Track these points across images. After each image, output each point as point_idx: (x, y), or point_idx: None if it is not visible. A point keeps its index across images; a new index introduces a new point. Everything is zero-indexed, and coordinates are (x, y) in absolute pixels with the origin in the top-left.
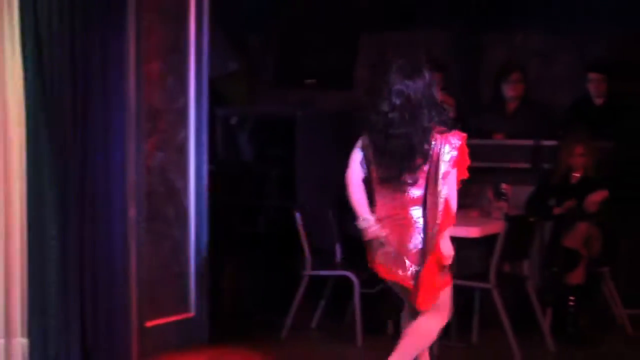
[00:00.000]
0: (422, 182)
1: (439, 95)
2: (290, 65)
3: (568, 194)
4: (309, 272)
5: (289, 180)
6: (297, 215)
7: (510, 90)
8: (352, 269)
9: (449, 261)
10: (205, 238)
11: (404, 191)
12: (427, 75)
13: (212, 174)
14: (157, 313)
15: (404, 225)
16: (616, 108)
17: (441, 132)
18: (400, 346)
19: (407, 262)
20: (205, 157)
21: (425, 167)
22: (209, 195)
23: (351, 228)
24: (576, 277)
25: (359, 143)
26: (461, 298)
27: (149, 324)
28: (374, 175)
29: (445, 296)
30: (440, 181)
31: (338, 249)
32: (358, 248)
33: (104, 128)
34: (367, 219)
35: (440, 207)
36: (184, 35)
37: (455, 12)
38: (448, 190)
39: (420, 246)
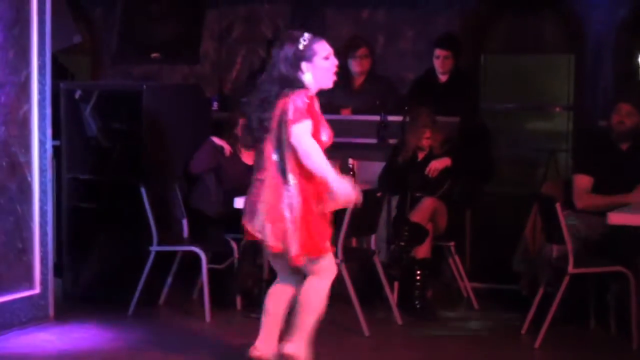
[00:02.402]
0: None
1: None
2: (135, 39)
3: (414, 171)
4: (155, 247)
5: (134, 155)
6: (143, 191)
7: (356, 66)
8: (199, 244)
9: (349, 203)
10: (49, 214)
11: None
12: (284, 48)
13: (56, 149)
14: (0, 290)
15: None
16: (460, 84)
17: (286, 96)
18: (298, 322)
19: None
20: (48, 131)
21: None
22: (53, 170)
23: (196, 202)
24: (423, 251)
25: None
26: None
27: None
28: None
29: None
30: (286, 142)
31: (185, 224)
32: (205, 223)
33: None
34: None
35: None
36: (26, 7)
37: None
38: (296, 145)
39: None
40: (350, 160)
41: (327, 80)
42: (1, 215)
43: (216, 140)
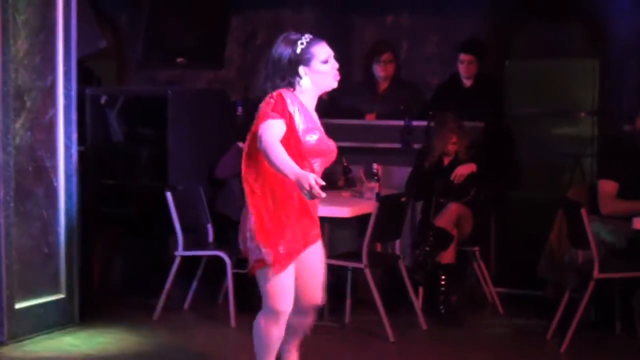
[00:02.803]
0: None
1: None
2: (161, 45)
3: (440, 176)
4: (180, 252)
5: (160, 160)
6: (168, 195)
7: (381, 71)
8: (224, 249)
9: (314, 189)
10: (75, 219)
11: None
12: (279, 49)
13: (82, 154)
14: (27, 294)
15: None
16: (484, 89)
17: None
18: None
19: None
20: (74, 136)
21: None
22: (79, 175)
23: (221, 207)
24: (447, 256)
25: None
26: (333, 278)
27: (19, 305)
28: None
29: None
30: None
31: (210, 229)
32: (230, 228)
33: None
34: None
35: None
36: (52, 13)
37: None
38: (258, 144)
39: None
40: (375, 165)
41: (329, 82)
42: (27, 220)
43: (242, 145)
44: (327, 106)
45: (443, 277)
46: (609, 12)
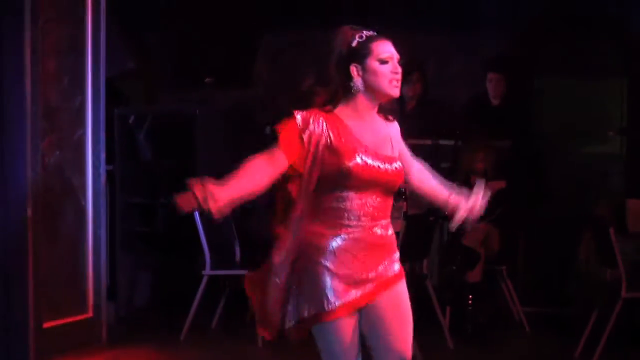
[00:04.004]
0: None
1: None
2: (189, 64)
3: None
4: (208, 272)
5: (187, 179)
6: (196, 214)
7: (408, 90)
8: (251, 268)
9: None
10: (103, 238)
11: None
12: (336, 40)
13: (110, 174)
14: (54, 314)
15: None
16: (512, 108)
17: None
18: None
19: None
20: (102, 155)
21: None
22: (107, 194)
23: (248, 226)
24: (475, 275)
25: None
26: None
27: (47, 325)
28: None
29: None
30: None
31: (237, 248)
32: (257, 247)
33: (0, 127)
34: None
35: None
36: (81, 34)
37: (353, 13)
38: None
39: None
40: (402, 185)
41: (386, 89)
42: (56, 239)
43: None
44: None
45: (470, 296)
46: (638, 29)
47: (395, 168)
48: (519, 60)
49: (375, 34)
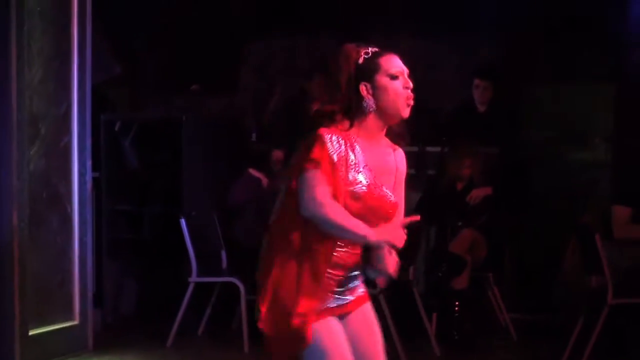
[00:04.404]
0: None
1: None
2: (174, 70)
3: (453, 200)
4: (194, 279)
5: (174, 186)
6: (182, 222)
7: None
8: (238, 275)
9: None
10: (89, 245)
11: None
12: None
13: (96, 181)
14: (41, 321)
15: None
16: (499, 114)
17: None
18: None
19: None
20: (88, 162)
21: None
22: (93, 202)
23: (235, 233)
24: (461, 282)
25: None
26: None
27: (33, 332)
28: None
29: None
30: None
31: (224, 255)
32: (243, 254)
33: None
34: None
35: None
36: (67, 41)
37: (339, 19)
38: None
39: None
40: None
41: (398, 107)
42: (42, 247)
43: (254, 172)
44: None
45: (457, 303)
46: (627, 36)
47: (395, 199)
48: (506, 67)
49: (380, 49)
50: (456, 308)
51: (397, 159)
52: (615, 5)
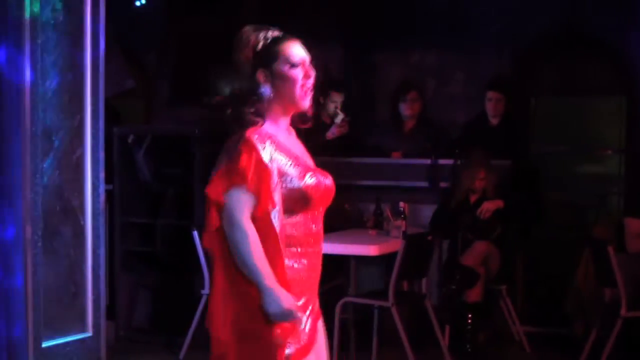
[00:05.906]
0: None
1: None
2: (187, 84)
3: (466, 212)
4: (207, 291)
5: (186, 198)
6: (195, 234)
7: (407, 109)
8: None
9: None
10: (102, 257)
11: None
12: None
13: (109, 193)
14: (54, 333)
15: None
16: (511, 128)
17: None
18: None
19: None
20: (101, 175)
21: None
22: (106, 214)
23: None
24: (474, 295)
25: None
26: (360, 316)
27: (46, 344)
28: None
29: None
30: None
31: None
32: None
33: None
34: None
35: None
36: (81, 54)
37: (350, 30)
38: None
39: None
40: (401, 204)
41: (296, 98)
42: (55, 259)
43: None
44: (352, 145)
45: (470, 315)
46: (636, 48)
47: (330, 178)
48: (519, 80)
49: (282, 34)
50: (469, 321)
51: (299, 140)
52: (625, 19)
